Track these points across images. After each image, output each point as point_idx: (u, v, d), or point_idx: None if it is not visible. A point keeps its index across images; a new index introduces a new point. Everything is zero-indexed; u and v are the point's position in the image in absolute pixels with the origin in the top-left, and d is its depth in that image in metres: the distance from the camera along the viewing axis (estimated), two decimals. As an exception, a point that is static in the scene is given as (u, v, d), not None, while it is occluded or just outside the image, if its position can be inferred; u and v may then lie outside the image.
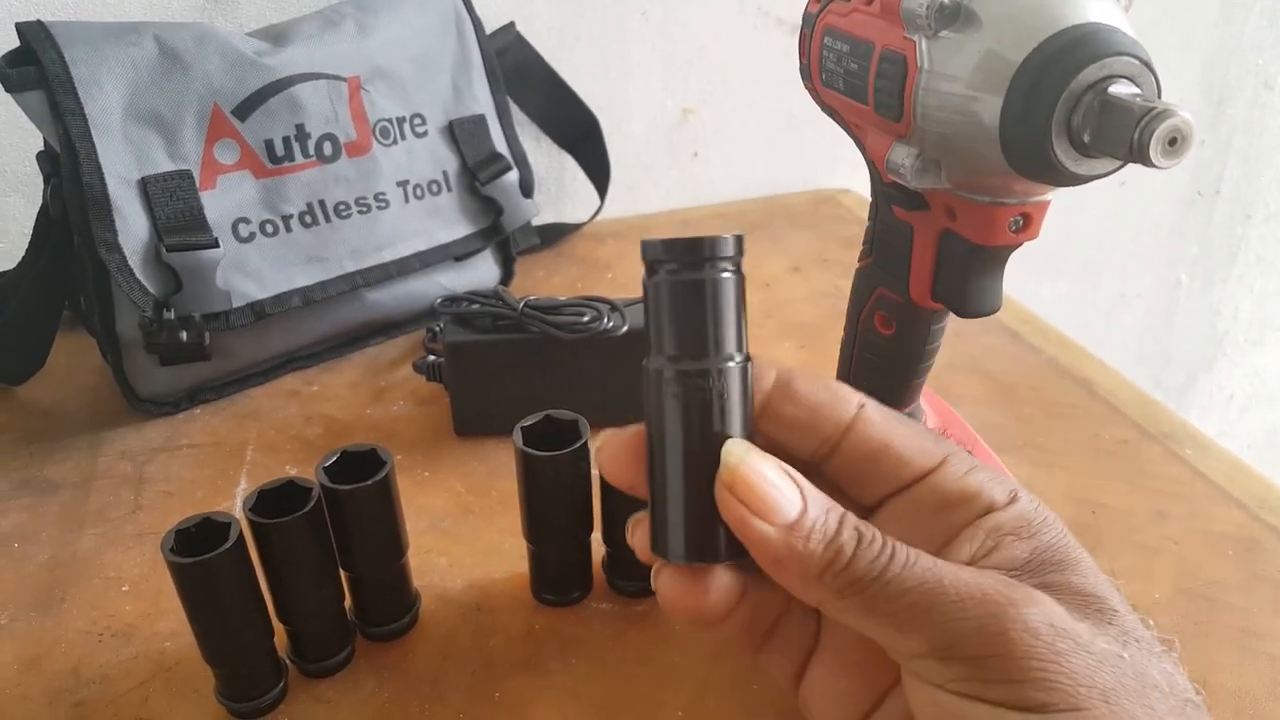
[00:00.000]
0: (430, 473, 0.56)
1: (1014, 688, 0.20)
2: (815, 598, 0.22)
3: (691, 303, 0.24)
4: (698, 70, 0.92)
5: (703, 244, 0.24)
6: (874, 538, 0.22)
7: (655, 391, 0.25)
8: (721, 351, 0.24)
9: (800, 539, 0.22)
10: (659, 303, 0.25)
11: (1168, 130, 0.24)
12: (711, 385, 0.24)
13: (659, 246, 0.24)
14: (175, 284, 0.57)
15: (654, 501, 0.25)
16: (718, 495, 0.23)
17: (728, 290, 0.24)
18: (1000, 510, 0.24)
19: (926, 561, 0.22)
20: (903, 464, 0.25)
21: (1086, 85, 0.27)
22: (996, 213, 0.32)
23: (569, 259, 0.84)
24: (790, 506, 0.23)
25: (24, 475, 0.57)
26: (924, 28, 0.30)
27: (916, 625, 0.21)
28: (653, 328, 0.25)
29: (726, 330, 0.24)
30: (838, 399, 0.25)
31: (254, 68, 0.61)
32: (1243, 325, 1.35)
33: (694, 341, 0.24)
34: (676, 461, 0.24)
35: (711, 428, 0.24)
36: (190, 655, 0.44)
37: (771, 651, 0.26)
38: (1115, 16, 0.28)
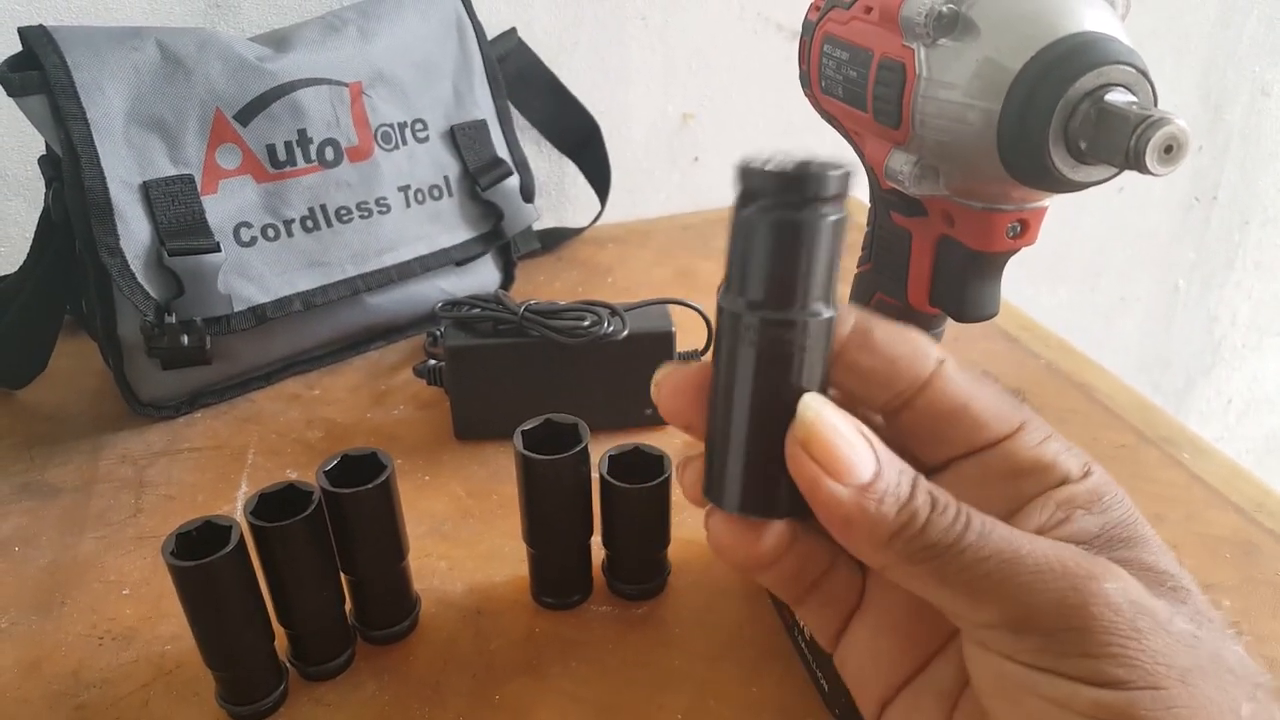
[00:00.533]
0: (431, 476, 0.56)
1: (1091, 663, 0.20)
2: (882, 562, 0.22)
3: (787, 247, 0.21)
4: (698, 75, 0.93)
5: (809, 180, 0.21)
6: (949, 504, 0.21)
7: (730, 335, 0.22)
8: (810, 303, 0.22)
9: (873, 501, 0.21)
10: (749, 240, 0.22)
11: (1163, 138, 0.25)
12: (795, 338, 0.22)
13: (760, 176, 0.21)
14: (177, 288, 0.57)
15: (713, 446, 0.23)
16: (789, 451, 0.22)
17: (828, 236, 0.21)
18: (1074, 483, 0.23)
19: (1003, 530, 0.21)
20: (979, 427, 0.23)
21: (1083, 93, 0.27)
22: (994, 219, 0.33)
23: (570, 263, 0.84)
24: (865, 467, 0.21)
25: (25, 479, 0.57)
26: (922, 36, 0.30)
27: (991, 595, 0.21)
28: (736, 265, 0.22)
29: (819, 279, 0.22)
30: (918, 352, 0.23)
31: (256, 73, 0.61)
32: (1241, 330, 1.35)
33: (783, 289, 0.21)
34: (744, 410, 0.22)
35: (788, 380, 0.22)
36: (191, 658, 0.44)
37: (813, 605, 0.25)
38: (1112, 25, 0.29)
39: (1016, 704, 0.21)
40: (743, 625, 0.46)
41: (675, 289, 0.80)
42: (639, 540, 0.46)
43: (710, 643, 0.45)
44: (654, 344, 0.57)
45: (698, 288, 0.80)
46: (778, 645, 0.44)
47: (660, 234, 0.91)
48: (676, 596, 0.48)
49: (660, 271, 0.83)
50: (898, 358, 0.23)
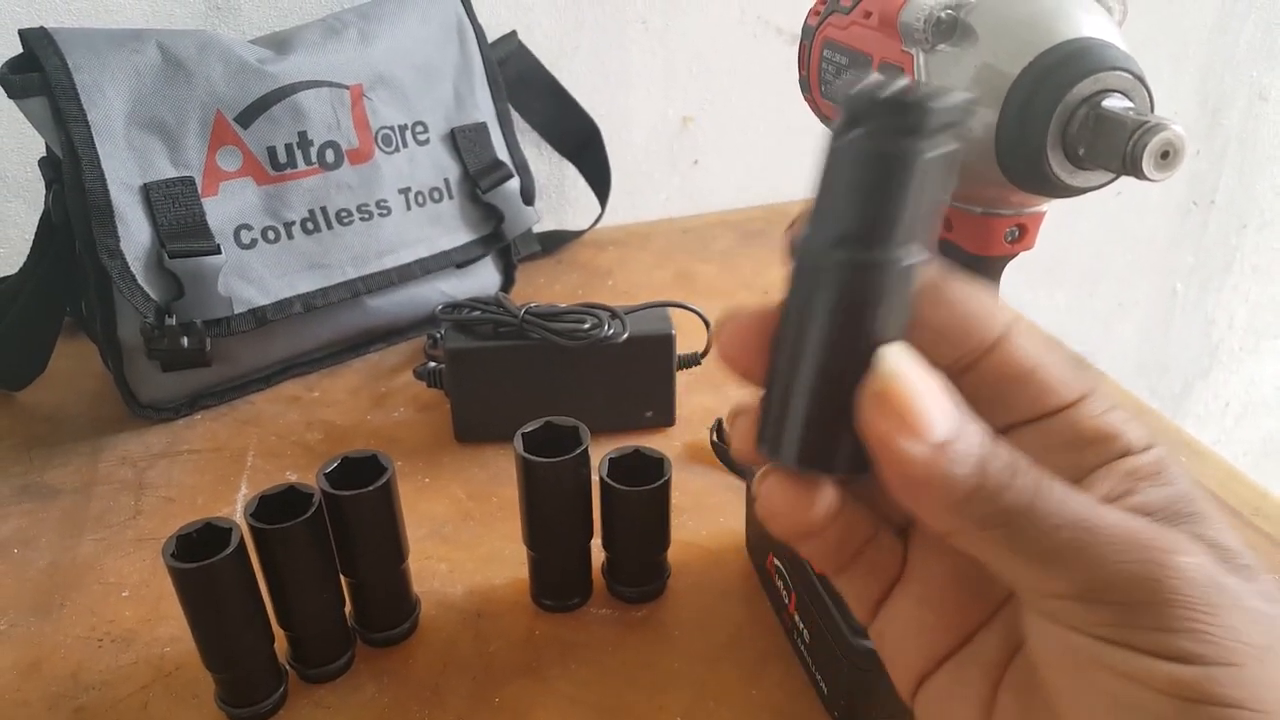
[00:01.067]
0: (431, 479, 0.56)
1: (1166, 637, 0.19)
2: (951, 526, 0.21)
3: (886, 179, 0.19)
4: (698, 79, 0.93)
5: (925, 108, 0.18)
6: (1026, 468, 0.20)
7: (808, 276, 0.20)
8: (904, 244, 0.20)
9: (950, 462, 0.20)
10: (844, 170, 0.20)
11: (1160, 143, 0.25)
12: (882, 281, 0.20)
13: (865, 100, 0.19)
14: (177, 290, 0.58)
15: (773, 396, 0.22)
16: (863, 404, 0.21)
17: (934, 171, 0.19)
18: (1137, 455, 0.22)
19: (1079, 498, 0.20)
20: (1045, 393, 0.22)
21: (1080, 99, 0.27)
22: (992, 223, 0.33)
23: (570, 266, 0.84)
24: (944, 424, 0.20)
25: (24, 481, 0.57)
26: (921, 41, 0.30)
27: (1065, 564, 0.20)
28: (824, 198, 0.20)
29: (918, 220, 0.20)
30: (990, 311, 0.22)
31: (257, 75, 0.61)
32: (1238, 334, 1.36)
33: (877, 226, 0.19)
34: (814, 358, 0.21)
35: (868, 328, 0.20)
36: (190, 660, 0.44)
37: (853, 575, 0.24)
38: (1109, 31, 0.29)
39: (1085, 678, 0.20)
40: (742, 627, 0.46)
41: (675, 292, 0.80)
42: (639, 543, 0.46)
43: (710, 645, 0.45)
44: (654, 347, 0.57)
45: (697, 291, 0.80)
46: (777, 647, 0.45)
47: (660, 237, 0.91)
48: (676, 599, 0.48)
49: (660, 274, 0.83)
50: (970, 315, 0.22)
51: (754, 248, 0.89)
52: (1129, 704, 0.19)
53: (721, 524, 0.52)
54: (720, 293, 0.80)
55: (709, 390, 0.65)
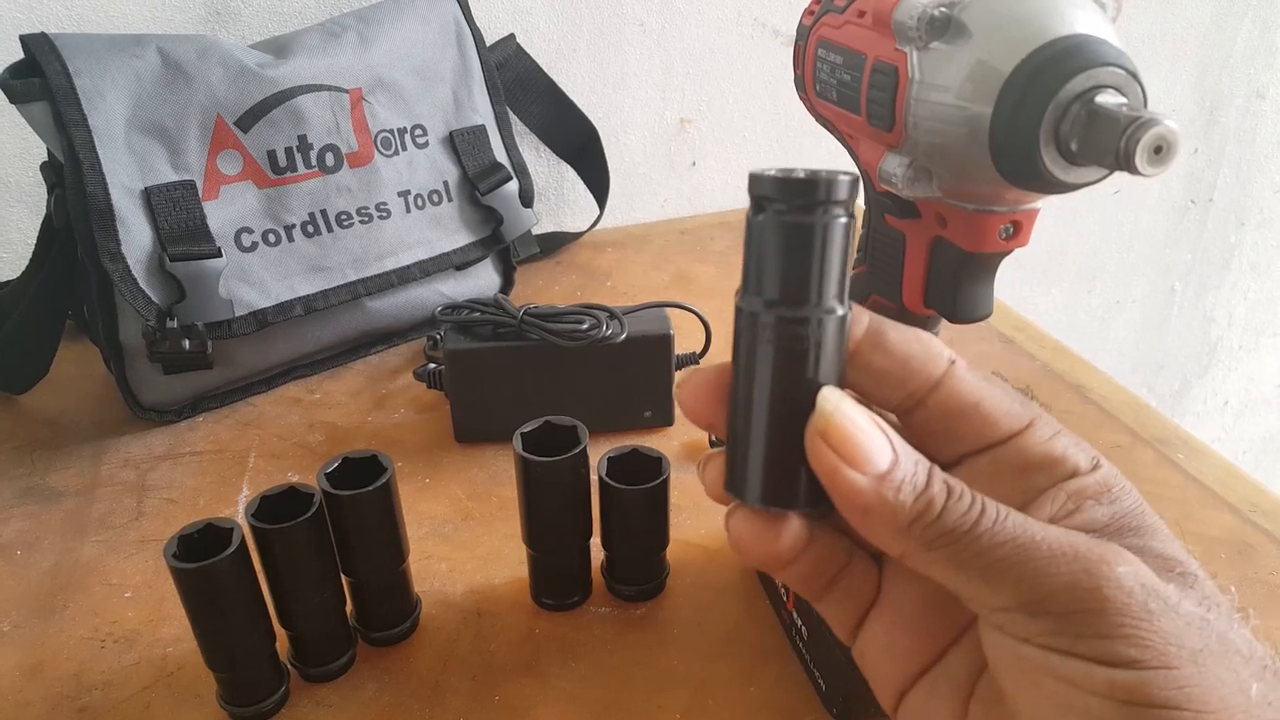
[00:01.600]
0: (431, 479, 0.57)
1: (1104, 643, 0.20)
2: (900, 549, 0.22)
3: (798, 247, 0.22)
4: (695, 80, 0.93)
5: (818, 185, 0.22)
6: (963, 492, 0.22)
7: (749, 334, 0.23)
8: (824, 300, 0.23)
9: (891, 490, 0.22)
10: (762, 243, 0.23)
11: (1153, 139, 0.25)
12: (810, 334, 0.23)
13: (769, 183, 0.22)
14: (178, 293, 0.58)
15: (734, 442, 0.24)
16: (809, 443, 0.23)
17: (838, 237, 0.22)
18: (1084, 475, 0.24)
19: (1017, 518, 0.22)
20: (990, 424, 0.24)
21: (1074, 95, 0.27)
22: (987, 220, 0.33)
23: (569, 267, 0.85)
24: (882, 457, 0.22)
25: (27, 483, 0.57)
26: (915, 39, 0.31)
27: (1006, 579, 0.21)
28: (752, 267, 0.23)
29: (831, 279, 0.23)
30: (929, 353, 0.24)
31: (256, 79, 0.61)
32: (1236, 331, 1.36)
33: (797, 288, 0.23)
34: (763, 405, 0.23)
35: (805, 375, 0.23)
36: (192, 661, 0.44)
37: (831, 602, 0.26)
38: (1102, 28, 0.29)
39: (1034, 685, 0.21)
40: (741, 625, 0.46)
41: (673, 292, 0.80)
42: (638, 542, 0.46)
43: (709, 643, 0.45)
44: (652, 347, 0.58)
45: (695, 291, 0.80)
46: (776, 645, 0.45)
47: (658, 238, 0.91)
48: (675, 597, 0.48)
49: (658, 275, 0.83)
50: (910, 358, 0.24)
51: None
52: (1074, 708, 0.21)
53: (719, 523, 0.52)
54: (718, 293, 0.80)
55: (708, 390, 0.65)
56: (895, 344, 0.24)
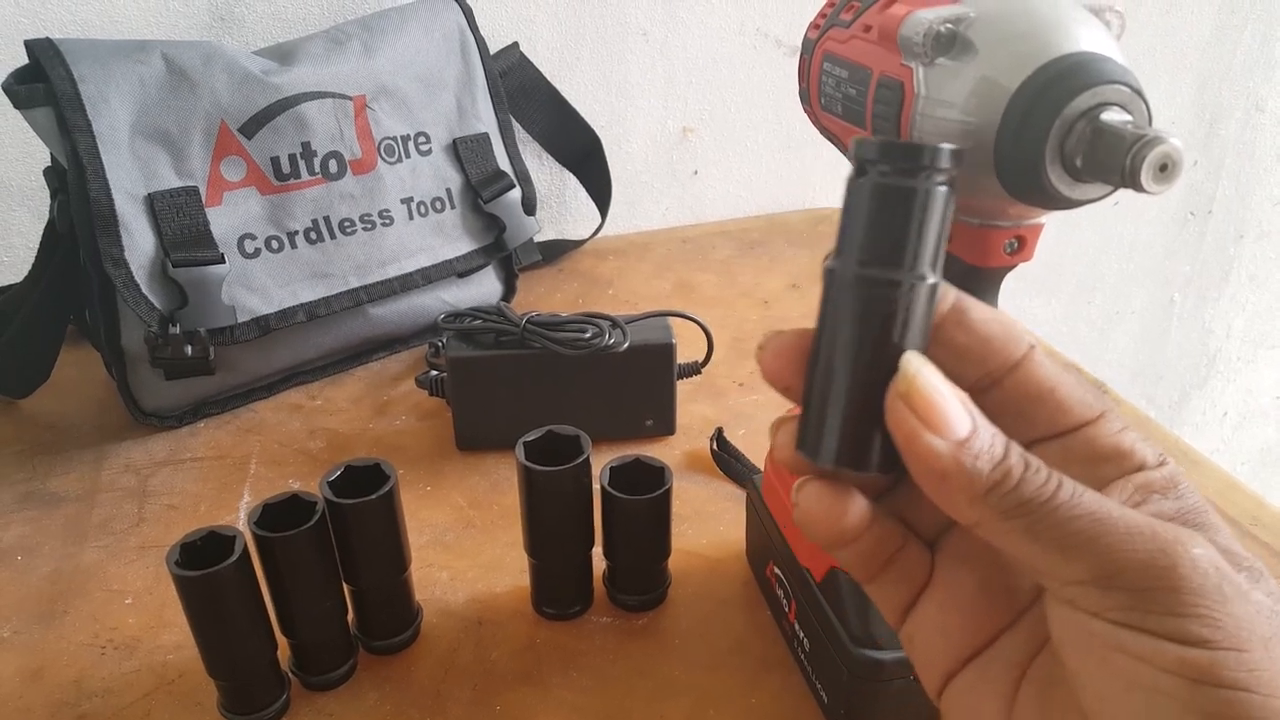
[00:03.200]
0: (432, 487, 0.57)
1: (1177, 621, 0.21)
2: (974, 517, 0.23)
3: (898, 210, 0.23)
4: (697, 90, 0.94)
5: (922, 151, 0.23)
6: (1039, 466, 0.22)
7: (837, 294, 0.24)
8: (918, 266, 0.23)
9: (969, 456, 0.22)
10: (862, 205, 0.23)
11: (1158, 157, 0.25)
12: (900, 298, 0.23)
13: (874, 146, 0.23)
14: (181, 299, 0.58)
15: (811, 403, 0.25)
16: (889, 406, 0.23)
17: (938, 204, 0.23)
18: (1150, 469, 0.24)
19: (1093, 494, 0.22)
20: (1063, 412, 0.24)
21: (1079, 112, 0.27)
22: (991, 235, 0.33)
23: (570, 275, 0.85)
24: (961, 424, 0.23)
25: (28, 488, 0.57)
26: (921, 55, 0.31)
27: (1081, 552, 0.21)
28: (847, 229, 0.24)
29: (927, 245, 0.23)
30: (1010, 335, 0.25)
31: (261, 86, 0.61)
32: (1235, 343, 1.36)
33: (891, 251, 0.23)
34: (845, 366, 0.24)
35: (890, 339, 0.23)
36: (193, 668, 0.44)
37: (884, 583, 0.26)
38: (1107, 45, 0.29)
39: (1102, 660, 0.22)
40: (742, 636, 0.46)
41: (675, 301, 0.80)
42: (640, 551, 0.46)
43: (710, 653, 0.45)
44: (654, 356, 0.58)
45: (697, 300, 0.80)
46: (777, 656, 0.45)
47: (660, 246, 0.91)
48: (676, 607, 0.48)
49: (660, 284, 0.83)
50: (992, 337, 0.24)
51: (753, 257, 0.89)
52: (1143, 684, 0.21)
53: (721, 532, 0.53)
54: (719, 302, 0.80)
55: (709, 399, 0.65)
56: (978, 322, 0.25)
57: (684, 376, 0.61)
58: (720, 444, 0.58)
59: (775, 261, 0.88)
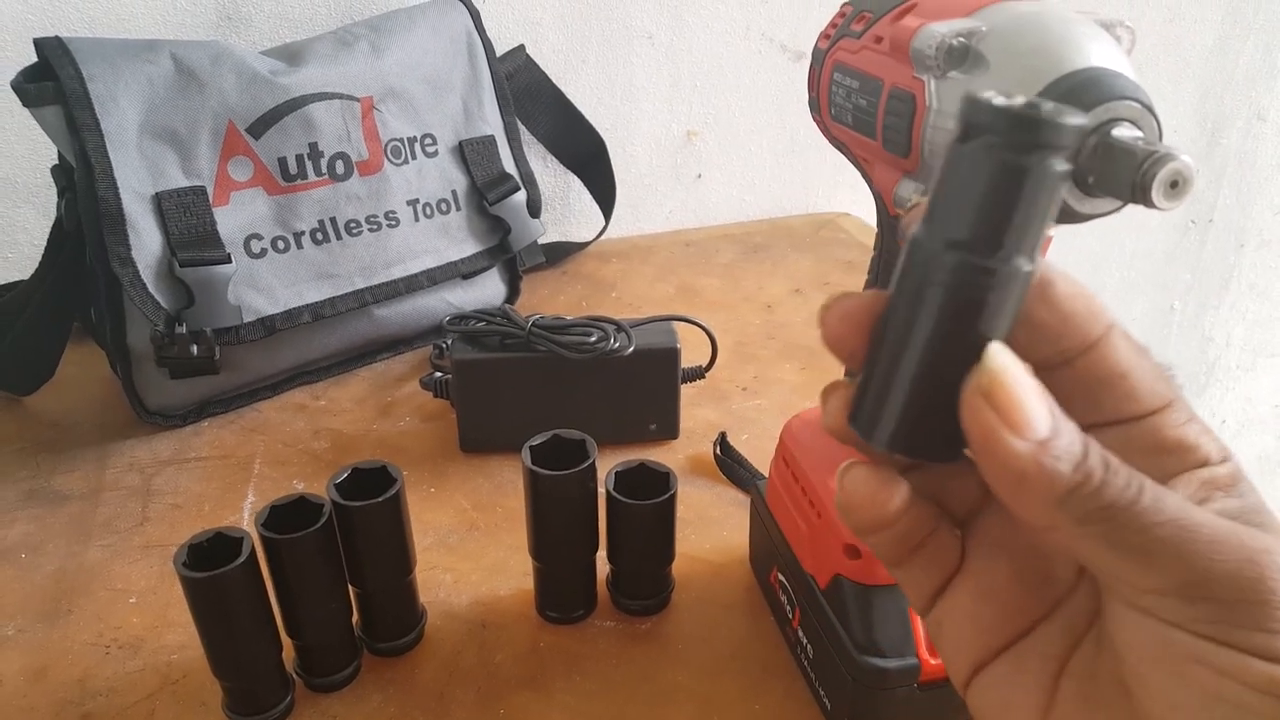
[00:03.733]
0: (436, 489, 0.57)
1: (1266, 638, 0.20)
2: (1049, 521, 0.21)
3: (1005, 189, 0.20)
4: (702, 94, 0.94)
5: (1041, 125, 0.19)
6: (1120, 467, 0.21)
7: (920, 269, 0.21)
8: (1017, 253, 0.21)
9: (1050, 458, 0.21)
10: (964, 176, 0.21)
11: (1169, 173, 0.25)
12: (992, 286, 0.21)
13: (987, 110, 0.20)
14: (187, 298, 0.58)
15: (873, 380, 0.23)
16: (967, 400, 0.21)
17: (1051, 186, 0.20)
18: (1214, 465, 0.23)
19: (1176, 498, 0.21)
20: (1132, 399, 0.23)
21: (1090, 128, 0.27)
22: (1001, 246, 0.33)
23: (574, 277, 0.85)
24: (1043, 423, 0.21)
25: (32, 486, 0.57)
26: (933, 68, 0.31)
27: (1164, 560, 0.20)
28: (942, 199, 0.21)
29: (1031, 231, 0.21)
30: (1091, 313, 0.23)
31: (269, 86, 0.62)
32: (1235, 352, 1.36)
33: (991, 234, 0.20)
34: (918, 349, 0.22)
35: (975, 327, 0.21)
36: (197, 668, 0.44)
37: (913, 567, 0.25)
38: (1118, 60, 0.29)
39: (1179, 672, 0.21)
40: (746, 642, 0.46)
41: (678, 304, 0.80)
42: (644, 556, 0.47)
43: (714, 658, 0.45)
44: (659, 360, 0.58)
45: (700, 304, 0.81)
46: (781, 661, 0.45)
47: (663, 249, 0.92)
48: (680, 612, 0.48)
49: (663, 287, 0.84)
50: (1073, 314, 0.23)
51: (756, 261, 0.89)
52: (1225, 699, 0.20)
53: (725, 537, 0.53)
54: (722, 306, 0.80)
55: (713, 404, 0.65)
56: (1062, 298, 0.23)
57: (688, 381, 0.62)
58: (724, 449, 0.59)
59: (778, 265, 0.88)
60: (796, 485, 0.43)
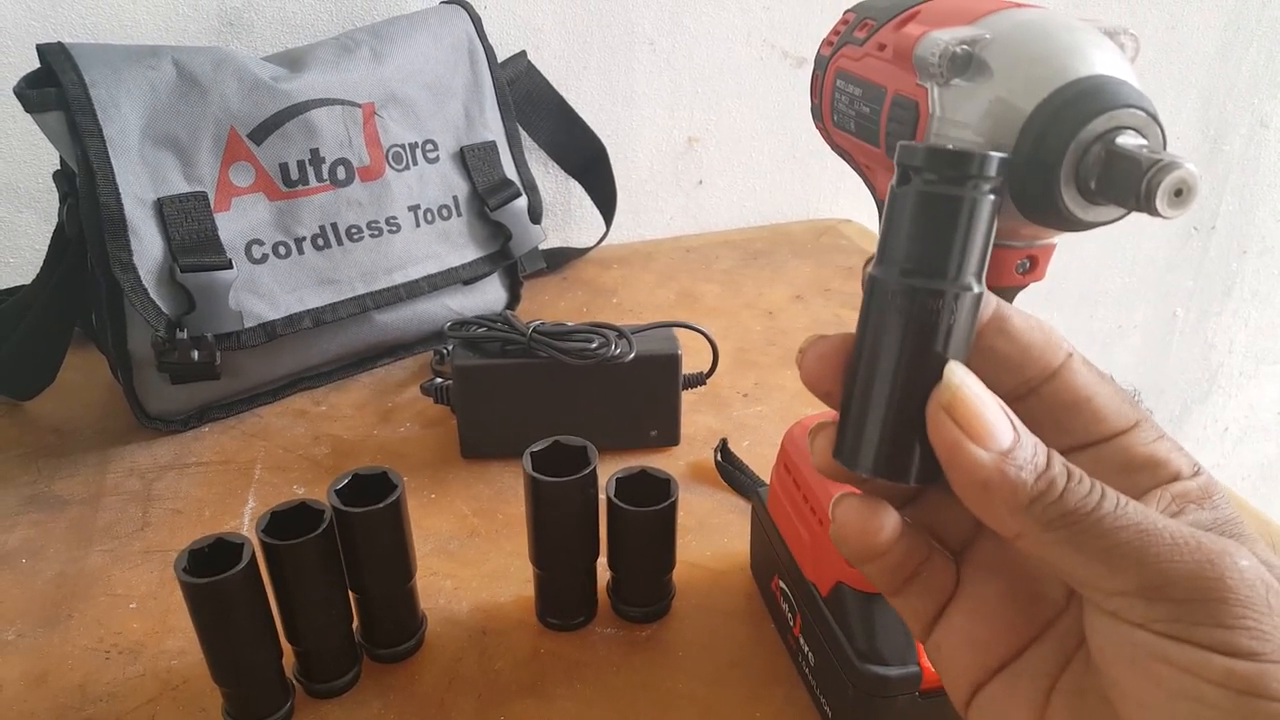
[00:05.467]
0: (437, 495, 0.57)
1: (1224, 633, 0.20)
2: (1016, 528, 0.22)
3: (943, 219, 0.23)
4: (703, 100, 0.94)
5: (971, 159, 0.22)
6: (1083, 476, 0.22)
7: (879, 302, 0.24)
8: (963, 276, 0.23)
9: (1013, 467, 0.22)
10: (906, 213, 0.23)
11: (1174, 182, 0.25)
12: (944, 307, 0.23)
13: (920, 153, 0.23)
14: (188, 304, 0.58)
15: (851, 411, 0.25)
16: (932, 416, 0.23)
17: (985, 213, 0.23)
18: (1185, 480, 0.24)
19: (1138, 505, 0.22)
20: (1099, 420, 0.24)
21: (1094, 136, 0.27)
22: (1003, 255, 0.33)
23: (575, 283, 0.85)
24: (1005, 434, 0.22)
25: (32, 491, 0.57)
26: (936, 75, 0.31)
27: (1127, 563, 0.21)
28: (890, 237, 0.23)
29: (972, 256, 0.23)
30: (1050, 342, 0.25)
31: (270, 92, 0.62)
32: (1238, 358, 1.36)
33: (936, 260, 0.23)
34: (887, 376, 0.24)
35: (933, 348, 0.23)
36: (197, 674, 0.44)
37: (910, 595, 0.26)
38: (1122, 68, 0.29)
39: (1146, 671, 0.21)
40: (746, 649, 0.46)
41: (678, 311, 0.80)
42: (645, 563, 0.46)
43: (714, 666, 0.45)
44: (660, 367, 0.58)
45: (701, 310, 0.81)
46: (781, 669, 0.45)
47: (664, 256, 0.92)
48: (681, 619, 0.48)
49: (663, 293, 0.84)
50: (1032, 345, 0.25)
51: (757, 268, 0.89)
52: (1186, 694, 0.21)
53: (726, 544, 0.53)
54: (724, 312, 0.80)
55: (713, 410, 0.65)
56: (1019, 330, 0.25)
57: (689, 387, 0.62)
58: (725, 455, 0.58)
59: (779, 272, 0.88)
60: (798, 492, 0.43)
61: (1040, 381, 0.25)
